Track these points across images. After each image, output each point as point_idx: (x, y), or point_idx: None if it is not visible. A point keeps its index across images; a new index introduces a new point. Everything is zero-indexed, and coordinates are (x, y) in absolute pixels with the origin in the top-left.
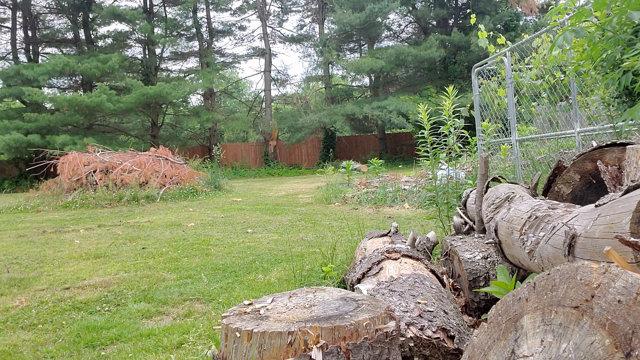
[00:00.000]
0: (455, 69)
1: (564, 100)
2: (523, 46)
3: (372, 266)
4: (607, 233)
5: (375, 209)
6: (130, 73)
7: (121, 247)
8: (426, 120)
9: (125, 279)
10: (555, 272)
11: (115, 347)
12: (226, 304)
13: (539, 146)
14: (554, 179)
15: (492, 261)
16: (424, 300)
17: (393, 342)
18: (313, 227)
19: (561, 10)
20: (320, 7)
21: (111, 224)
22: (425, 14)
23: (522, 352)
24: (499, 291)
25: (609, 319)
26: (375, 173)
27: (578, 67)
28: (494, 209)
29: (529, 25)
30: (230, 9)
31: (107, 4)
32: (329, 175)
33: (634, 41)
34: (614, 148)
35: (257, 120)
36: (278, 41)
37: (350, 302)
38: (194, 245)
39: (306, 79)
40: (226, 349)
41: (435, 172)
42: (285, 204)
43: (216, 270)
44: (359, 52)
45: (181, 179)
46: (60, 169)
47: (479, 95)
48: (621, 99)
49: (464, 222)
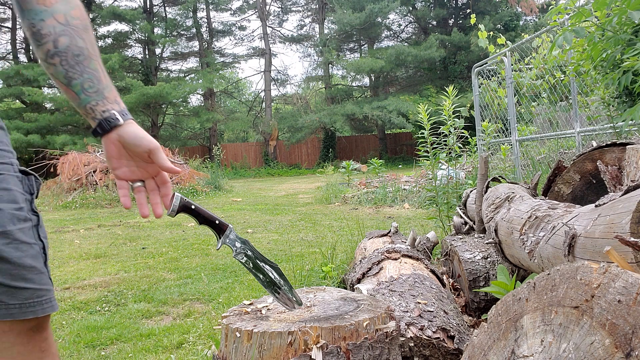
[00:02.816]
0: (455, 69)
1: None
2: (523, 46)
3: (372, 266)
4: (607, 233)
5: (375, 209)
6: (130, 73)
7: (121, 247)
8: (426, 120)
9: (125, 279)
10: (555, 272)
11: (115, 347)
12: (226, 304)
13: (539, 146)
14: (554, 179)
15: (492, 261)
16: (424, 300)
17: (393, 342)
18: (313, 227)
19: (561, 10)
20: (320, 7)
21: (111, 224)
22: (425, 14)
23: (522, 352)
24: (499, 291)
25: (609, 319)
26: (375, 173)
27: (578, 67)
28: (494, 209)
29: (529, 25)
30: (230, 9)
31: (107, 4)
32: (329, 175)
33: (634, 41)
34: (614, 148)
35: (257, 120)
36: (278, 41)
37: (350, 302)
38: (194, 245)
39: (306, 79)
40: (226, 349)
41: (435, 172)
42: (285, 204)
43: (216, 270)
44: (359, 52)
45: (181, 179)
46: (60, 169)
47: (479, 95)
48: (621, 99)
49: (464, 222)
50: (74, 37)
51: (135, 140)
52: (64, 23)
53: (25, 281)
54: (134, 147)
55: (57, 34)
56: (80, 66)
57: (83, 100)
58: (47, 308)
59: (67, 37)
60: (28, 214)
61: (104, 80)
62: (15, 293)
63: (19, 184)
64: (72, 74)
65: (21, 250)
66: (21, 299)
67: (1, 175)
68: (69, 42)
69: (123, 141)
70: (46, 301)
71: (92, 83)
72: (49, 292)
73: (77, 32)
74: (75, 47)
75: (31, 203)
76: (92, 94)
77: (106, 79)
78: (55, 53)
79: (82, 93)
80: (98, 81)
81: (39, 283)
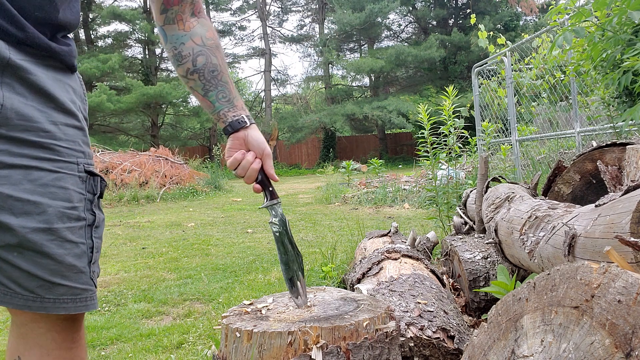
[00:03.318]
0: (455, 69)
1: (564, 100)
2: (523, 46)
3: (372, 266)
4: (607, 233)
5: (375, 209)
6: (130, 73)
7: (121, 247)
8: (426, 120)
9: (125, 279)
10: (555, 272)
11: (115, 347)
12: (226, 304)
13: (539, 146)
14: (554, 179)
15: (492, 261)
16: (424, 300)
17: (393, 342)
18: (313, 227)
19: (561, 10)
20: (320, 7)
21: (111, 224)
22: (425, 14)
23: (522, 352)
24: (499, 291)
25: (609, 319)
26: (375, 173)
27: (578, 67)
28: (494, 209)
29: (529, 25)
30: (230, 9)
31: (107, 4)
32: (329, 175)
33: (634, 41)
34: (614, 148)
35: (257, 120)
36: (278, 41)
37: (350, 302)
38: (194, 245)
39: (306, 79)
40: (226, 349)
41: (435, 172)
42: (285, 204)
43: (216, 270)
44: (359, 52)
45: (181, 179)
46: None
47: (479, 95)
48: (621, 99)
49: (464, 222)
50: (209, 55)
51: (258, 141)
52: (200, 44)
53: (62, 278)
54: (255, 147)
55: (195, 54)
56: (215, 80)
57: (217, 108)
58: (80, 307)
59: (203, 57)
60: (83, 212)
61: (233, 91)
62: (52, 288)
63: (79, 183)
64: (208, 86)
65: (64, 248)
66: (56, 294)
67: (60, 173)
68: (205, 60)
69: (247, 140)
70: (80, 300)
71: (224, 94)
72: (86, 291)
73: (211, 51)
74: (210, 64)
75: (92, 203)
76: (225, 103)
77: (234, 89)
78: (195, 70)
79: (216, 102)
80: (229, 92)
81: (77, 281)
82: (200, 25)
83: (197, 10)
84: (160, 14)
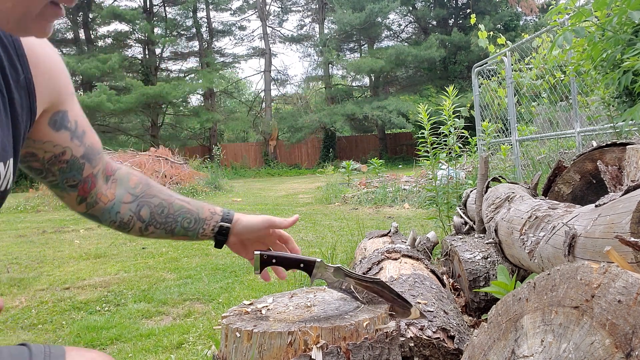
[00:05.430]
0: (455, 69)
1: (564, 100)
2: (523, 46)
3: (372, 266)
4: (607, 233)
5: (375, 209)
6: (130, 73)
7: (121, 247)
8: (426, 120)
9: (125, 279)
10: (555, 272)
11: (115, 347)
12: (226, 304)
13: (539, 146)
14: (554, 179)
15: (492, 261)
16: (424, 300)
17: (393, 342)
18: (313, 227)
19: (561, 10)
20: (320, 7)
21: None
22: (425, 14)
23: (522, 352)
24: (499, 291)
25: (609, 319)
26: (375, 173)
27: (578, 67)
28: (494, 209)
29: (529, 25)
30: (230, 9)
31: (107, 4)
32: (329, 175)
33: (634, 41)
34: (614, 148)
35: (257, 120)
36: (278, 41)
37: (350, 302)
38: (194, 245)
39: (306, 79)
40: (226, 349)
41: (435, 172)
42: (285, 204)
43: (216, 270)
44: (359, 52)
45: (181, 179)
46: None
47: (479, 95)
48: (621, 99)
49: (464, 222)
50: (148, 201)
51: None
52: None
53: None
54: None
55: (136, 212)
56: (170, 216)
57: (192, 235)
58: None
59: (145, 207)
60: None
61: (192, 207)
62: None
63: None
64: (169, 226)
65: None
66: None
67: None
68: (149, 208)
69: (242, 238)
70: None
71: (188, 219)
72: None
73: (147, 196)
74: (155, 208)
75: None
76: (194, 226)
77: (192, 203)
78: (147, 224)
79: (187, 232)
80: (189, 213)
81: None
82: (119, 182)
83: (109, 172)
84: (78, 204)
